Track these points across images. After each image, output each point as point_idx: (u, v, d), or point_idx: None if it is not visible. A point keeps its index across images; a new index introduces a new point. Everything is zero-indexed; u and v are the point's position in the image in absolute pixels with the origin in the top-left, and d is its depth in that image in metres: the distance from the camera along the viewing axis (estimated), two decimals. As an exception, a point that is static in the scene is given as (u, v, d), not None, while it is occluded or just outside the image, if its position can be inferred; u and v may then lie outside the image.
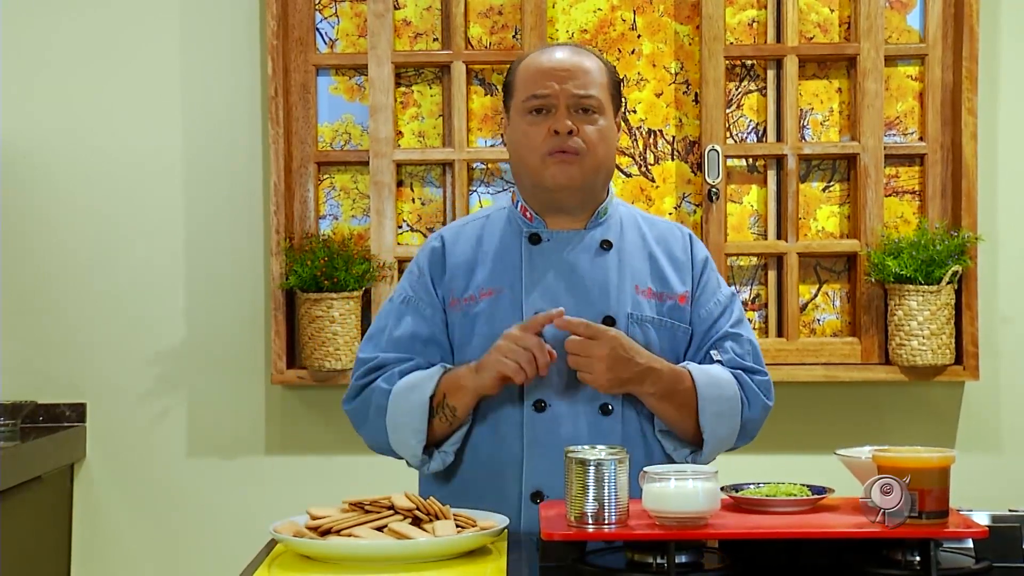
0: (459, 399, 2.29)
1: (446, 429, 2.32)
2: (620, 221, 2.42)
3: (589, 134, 2.33)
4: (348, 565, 1.95)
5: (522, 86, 2.38)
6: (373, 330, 2.44)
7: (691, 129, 3.62)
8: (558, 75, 2.34)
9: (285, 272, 3.51)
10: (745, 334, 2.42)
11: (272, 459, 3.65)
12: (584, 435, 2.28)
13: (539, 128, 2.34)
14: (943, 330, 3.45)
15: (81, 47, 3.65)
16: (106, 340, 3.65)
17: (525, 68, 2.39)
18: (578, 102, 2.34)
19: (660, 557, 1.87)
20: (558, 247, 2.37)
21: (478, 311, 2.35)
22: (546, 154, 2.33)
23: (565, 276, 2.35)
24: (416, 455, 2.32)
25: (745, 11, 3.62)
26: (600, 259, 2.37)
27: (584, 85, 2.34)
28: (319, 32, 3.65)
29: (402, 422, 2.31)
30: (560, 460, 2.23)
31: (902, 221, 3.60)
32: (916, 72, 3.61)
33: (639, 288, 2.36)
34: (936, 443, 3.49)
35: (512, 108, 2.40)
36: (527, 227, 2.39)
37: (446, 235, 2.45)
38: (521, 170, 2.40)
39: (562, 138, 2.32)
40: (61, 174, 3.65)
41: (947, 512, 1.89)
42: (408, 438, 2.31)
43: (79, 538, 3.66)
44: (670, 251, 2.43)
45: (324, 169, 3.66)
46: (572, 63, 2.36)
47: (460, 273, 2.39)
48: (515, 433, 2.31)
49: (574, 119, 2.33)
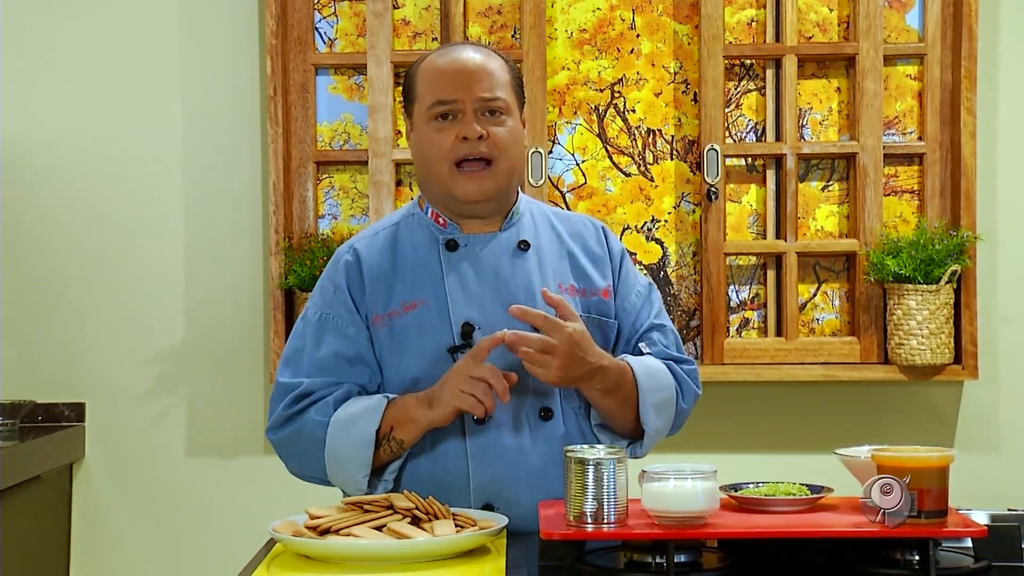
0: (408, 432, 2.22)
1: (389, 459, 2.25)
2: (533, 219, 2.38)
3: (499, 137, 2.27)
4: (347, 565, 1.95)
5: (425, 91, 2.30)
6: (289, 352, 2.33)
7: (690, 129, 3.62)
8: (462, 78, 2.27)
9: (284, 272, 3.51)
10: (668, 324, 2.41)
11: (271, 459, 3.62)
12: (528, 442, 2.25)
13: (446, 135, 2.27)
14: (942, 329, 3.45)
15: (81, 47, 3.65)
16: (105, 340, 3.65)
17: (426, 72, 2.32)
18: (485, 105, 2.27)
19: (659, 557, 1.87)
20: (476, 252, 2.31)
21: (405, 325, 2.28)
22: (455, 163, 2.26)
23: (488, 281, 2.29)
24: (361, 488, 2.23)
25: (744, 10, 3.62)
26: (520, 260, 2.32)
27: (490, 87, 2.28)
28: (318, 32, 3.66)
29: (344, 455, 2.22)
30: (506, 470, 2.24)
31: (901, 221, 3.60)
32: (915, 72, 3.61)
33: (562, 286, 2.33)
34: (935, 442, 3.49)
35: (415, 114, 2.32)
36: (442, 234, 2.33)
37: (359, 247, 2.35)
38: (430, 179, 2.31)
39: (471, 144, 2.26)
40: (60, 174, 3.65)
41: (946, 511, 1.89)
42: (353, 472, 2.22)
43: (78, 538, 3.66)
44: (586, 245, 2.39)
45: (323, 169, 3.66)
46: (475, 65, 2.29)
47: (379, 287, 2.30)
48: (457, 448, 2.26)
49: (482, 122, 2.26)
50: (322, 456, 2.24)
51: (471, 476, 2.25)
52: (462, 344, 2.26)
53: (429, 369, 2.27)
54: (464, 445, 2.26)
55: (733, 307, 3.63)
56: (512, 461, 2.25)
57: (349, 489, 2.27)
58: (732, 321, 3.62)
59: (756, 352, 3.56)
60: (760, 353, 3.56)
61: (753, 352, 3.56)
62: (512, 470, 2.24)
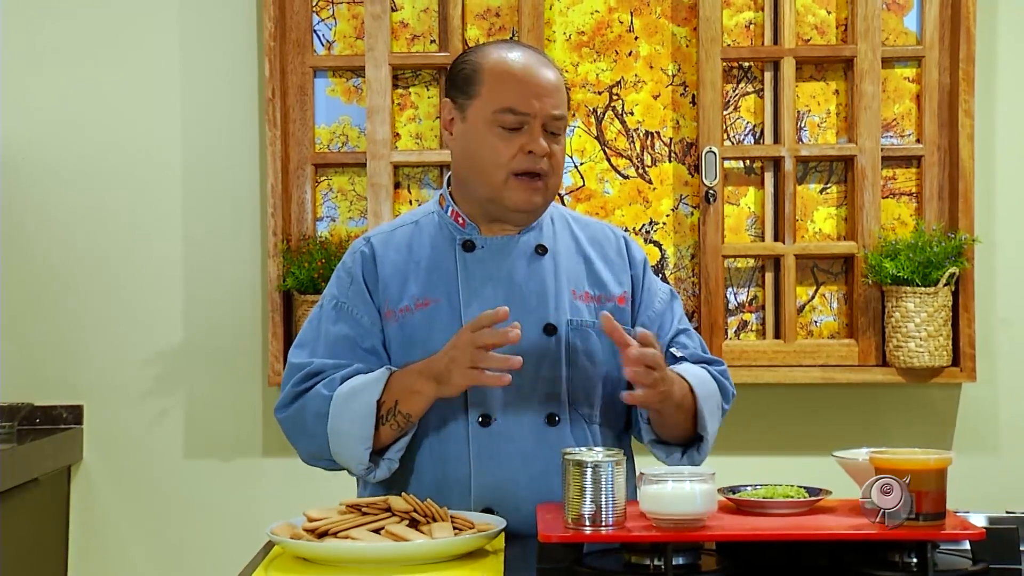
0: (414, 405, 2.18)
1: (394, 435, 2.21)
2: (553, 224, 2.36)
3: (558, 156, 2.26)
4: (345, 567, 1.95)
5: (495, 93, 2.24)
6: (303, 336, 2.32)
7: (688, 131, 3.62)
8: (538, 91, 2.23)
9: (282, 274, 3.51)
10: (691, 328, 2.41)
11: (269, 461, 3.65)
12: (532, 447, 2.24)
13: (510, 144, 2.22)
14: (940, 332, 3.45)
15: (80, 49, 3.65)
16: (103, 342, 3.65)
17: (498, 72, 2.25)
18: (552, 122, 2.25)
19: (657, 559, 1.87)
20: (493, 254, 2.29)
21: (416, 322, 2.27)
22: (513, 173, 2.23)
23: (503, 284, 2.27)
24: (363, 462, 2.20)
25: (742, 13, 3.63)
26: (536, 265, 2.30)
27: (559, 104, 2.25)
28: (316, 34, 3.66)
29: (346, 429, 2.19)
30: (509, 475, 2.23)
31: (899, 223, 3.60)
32: (913, 74, 3.61)
33: (576, 292, 2.31)
34: (933, 445, 3.48)
35: (474, 111, 2.25)
36: (460, 234, 2.31)
37: (375, 241, 2.34)
38: (475, 180, 2.27)
39: (535, 159, 2.23)
40: (58, 176, 3.65)
41: (944, 514, 1.89)
42: (354, 445, 2.19)
43: (76, 540, 3.65)
44: (604, 252, 2.37)
45: (321, 171, 3.65)
46: (548, 80, 2.25)
47: (393, 282, 2.29)
48: (460, 450, 2.24)
49: (546, 139, 2.23)
50: (325, 433, 2.21)
51: (473, 479, 2.24)
52: None
53: None
54: (467, 448, 2.25)
55: (731, 309, 3.63)
56: (515, 466, 2.24)
57: (353, 467, 2.23)
58: (730, 323, 3.62)
59: (754, 354, 3.56)
60: (758, 355, 3.56)
61: (751, 354, 3.56)
62: (515, 475, 2.24)
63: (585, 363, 2.29)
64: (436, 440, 2.26)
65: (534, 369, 2.25)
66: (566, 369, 2.28)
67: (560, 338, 2.28)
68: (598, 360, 2.30)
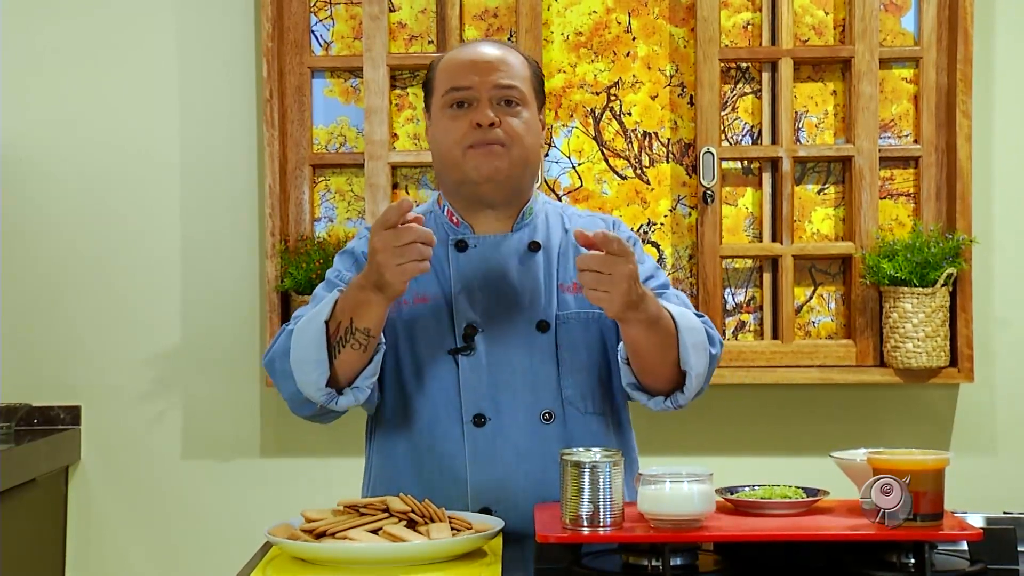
0: (369, 319, 2.13)
1: (360, 359, 2.16)
2: (547, 220, 2.37)
3: (513, 126, 2.26)
4: (343, 568, 1.95)
5: (441, 82, 2.30)
6: (301, 311, 2.28)
7: (686, 131, 3.62)
8: (479, 67, 2.28)
9: (280, 275, 3.51)
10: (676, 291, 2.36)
11: (267, 462, 3.65)
12: (528, 445, 2.24)
13: (460, 122, 2.26)
14: (938, 332, 3.45)
15: (78, 50, 3.65)
16: (101, 342, 3.64)
17: (445, 64, 2.32)
18: (500, 93, 2.27)
19: (655, 560, 1.87)
20: (485, 252, 2.30)
21: (413, 316, 2.29)
22: (467, 147, 2.25)
23: (494, 283, 2.28)
24: (320, 387, 2.15)
25: (740, 13, 3.63)
26: (529, 262, 2.31)
27: (507, 76, 2.28)
28: (314, 34, 3.65)
29: (302, 356, 2.15)
30: (505, 475, 2.23)
31: (897, 224, 3.60)
32: (911, 75, 3.61)
33: (563, 286, 2.31)
34: (931, 445, 3.49)
35: (434, 107, 2.32)
36: (453, 233, 2.33)
37: None
38: (444, 167, 2.31)
39: (484, 131, 2.24)
40: (57, 177, 3.65)
41: (942, 514, 1.89)
42: (310, 371, 2.14)
43: (74, 541, 3.65)
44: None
45: (319, 171, 3.65)
46: (493, 54, 2.30)
47: None
48: (456, 452, 2.25)
49: (497, 111, 2.25)
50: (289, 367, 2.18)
51: (469, 479, 2.24)
52: (463, 346, 2.27)
53: (431, 364, 2.27)
54: (463, 447, 2.25)
55: (729, 310, 3.63)
56: (511, 464, 2.24)
57: (314, 394, 2.17)
58: (728, 324, 3.62)
59: (752, 355, 3.56)
60: (756, 356, 3.56)
61: (749, 355, 3.56)
62: (511, 473, 2.24)
63: (575, 355, 2.29)
64: (432, 441, 2.26)
65: (527, 366, 2.26)
66: (558, 364, 2.29)
67: (552, 334, 2.28)
68: (586, 349, 2.30)
